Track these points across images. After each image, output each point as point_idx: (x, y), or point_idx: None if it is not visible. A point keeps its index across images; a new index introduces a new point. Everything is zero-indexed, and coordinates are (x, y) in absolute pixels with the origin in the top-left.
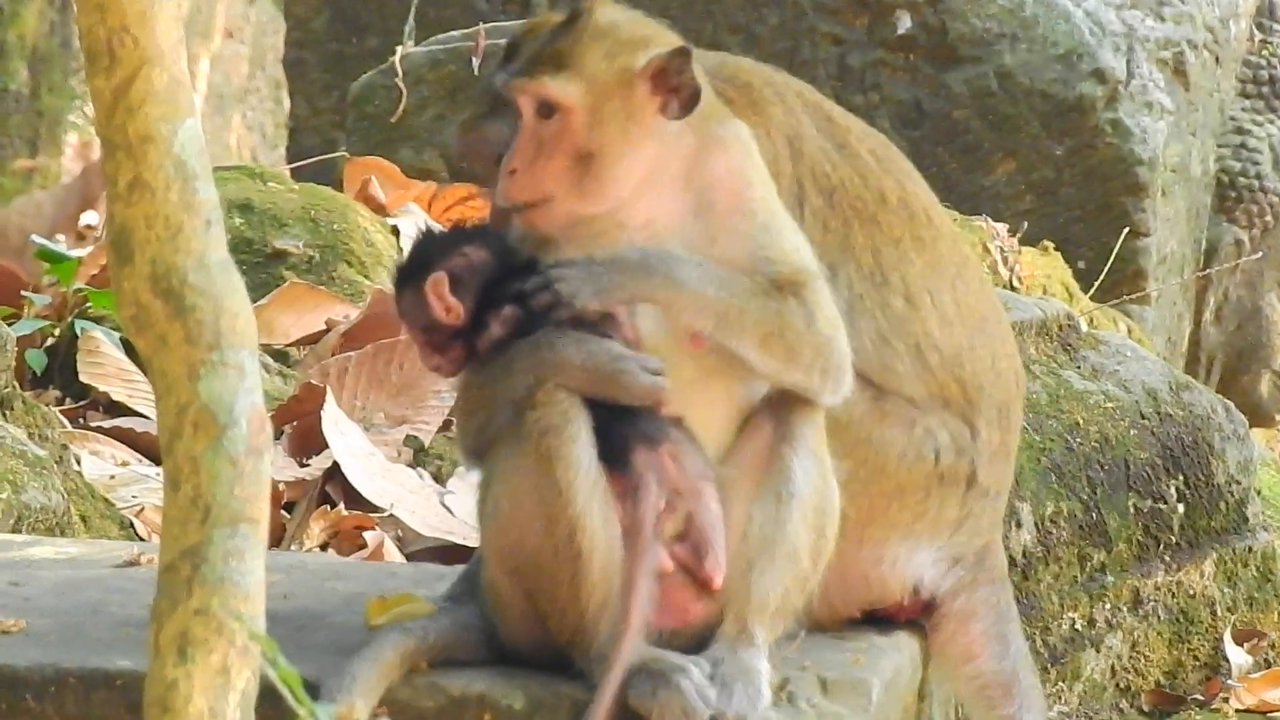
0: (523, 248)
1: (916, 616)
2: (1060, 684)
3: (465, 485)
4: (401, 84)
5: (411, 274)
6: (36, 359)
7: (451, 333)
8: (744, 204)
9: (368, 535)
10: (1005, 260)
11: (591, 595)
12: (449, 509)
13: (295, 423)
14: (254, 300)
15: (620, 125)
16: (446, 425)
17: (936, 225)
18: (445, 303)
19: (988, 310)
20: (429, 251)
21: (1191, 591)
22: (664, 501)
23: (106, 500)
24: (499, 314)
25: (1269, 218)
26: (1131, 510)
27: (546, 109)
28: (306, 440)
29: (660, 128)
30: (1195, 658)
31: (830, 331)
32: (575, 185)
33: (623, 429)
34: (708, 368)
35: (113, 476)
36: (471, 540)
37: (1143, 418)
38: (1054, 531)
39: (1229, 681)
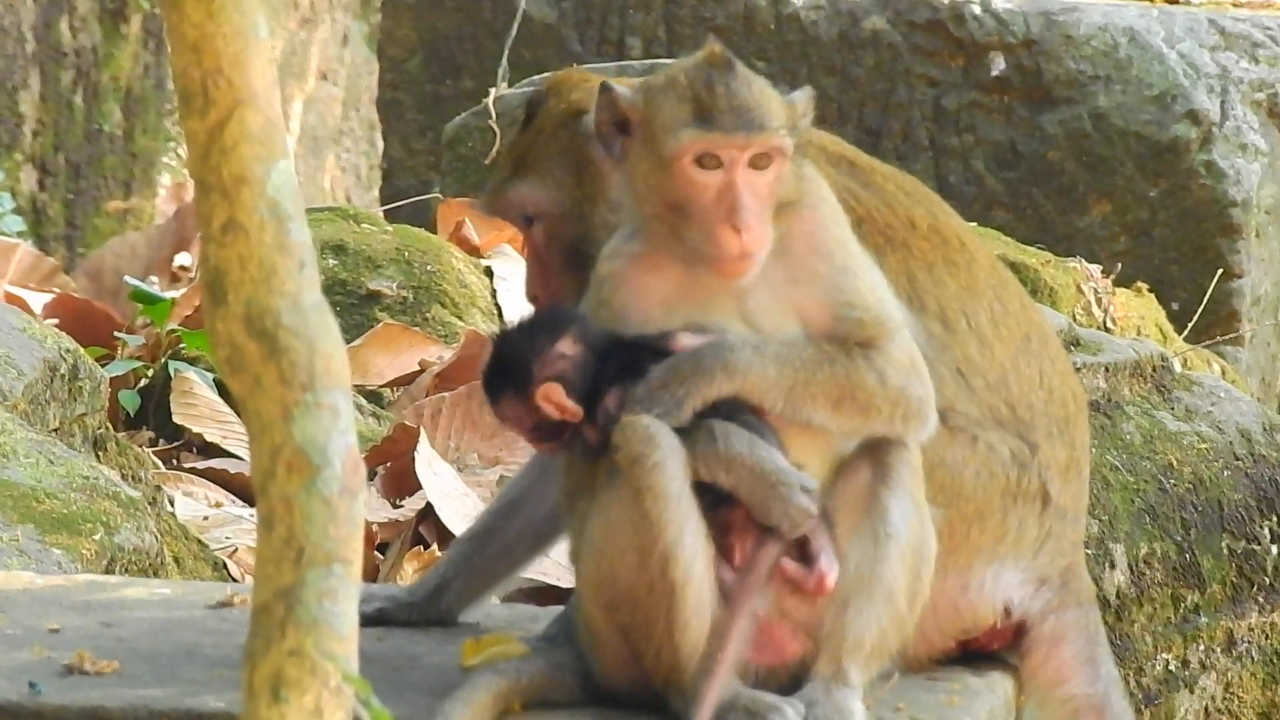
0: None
1: (1009, 644)
2: None
3: None
4: (495, 125)
5: (508, 379)
6: (130, 400)
7: (559, 425)
8: (819, 245)
9: None
10: (1099, 301)
11: (686, 630)
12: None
13: (389, 464)
14: (348, 341)
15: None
16: None
17: (970, 250)
18: (561, 406)
19: (1030, 329)
20: (522, 354)
21: None
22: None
23: (200, 541)
24: (605, 401)
25: None
26: (1225, 551)
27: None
28: (400, 481)
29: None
30: None
31: (904, 380)
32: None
33: None
34: None
35: (206, 518)
36: (565, 582)
37: (1236, 459)
38: (1147, 573)
39: None
